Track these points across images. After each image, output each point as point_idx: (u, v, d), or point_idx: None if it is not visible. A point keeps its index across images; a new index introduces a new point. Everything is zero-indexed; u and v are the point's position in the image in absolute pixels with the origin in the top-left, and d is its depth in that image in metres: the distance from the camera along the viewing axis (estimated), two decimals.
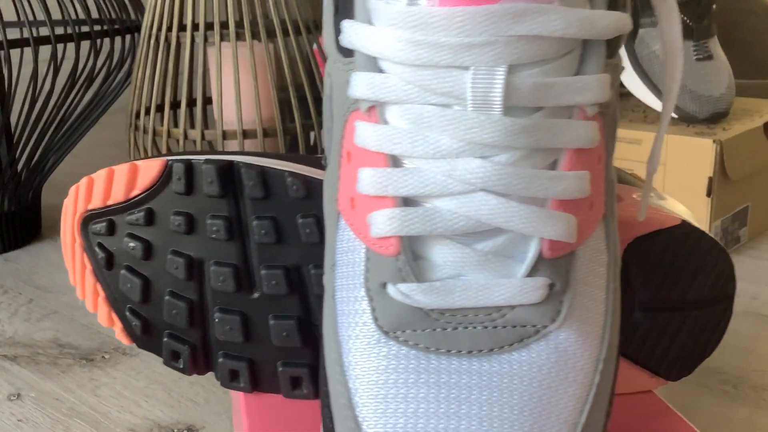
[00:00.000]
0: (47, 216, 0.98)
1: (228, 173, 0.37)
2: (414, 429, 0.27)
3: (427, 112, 0.27)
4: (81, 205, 0.38)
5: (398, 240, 0.28)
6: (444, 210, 0.27)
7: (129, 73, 0.90)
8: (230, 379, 0.40)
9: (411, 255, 0.28)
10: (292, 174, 0.36)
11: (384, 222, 0.28)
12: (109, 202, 0.38)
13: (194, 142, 0.78)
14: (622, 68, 0.30)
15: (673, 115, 0.84)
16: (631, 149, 0.82)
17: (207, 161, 0.36)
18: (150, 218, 0.38)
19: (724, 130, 0.81)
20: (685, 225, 0.37)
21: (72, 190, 0.39)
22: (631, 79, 0.87)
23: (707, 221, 0.79)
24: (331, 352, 0.29)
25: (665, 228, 0.37)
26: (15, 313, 0.75)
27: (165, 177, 0.37)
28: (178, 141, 0.79)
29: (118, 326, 0.40)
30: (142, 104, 0.80)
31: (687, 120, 0.84)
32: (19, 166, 0.84)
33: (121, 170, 0.37)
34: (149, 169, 0.37)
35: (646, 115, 0.88)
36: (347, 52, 0.29)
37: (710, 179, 0.79)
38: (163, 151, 0.79)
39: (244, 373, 0.39)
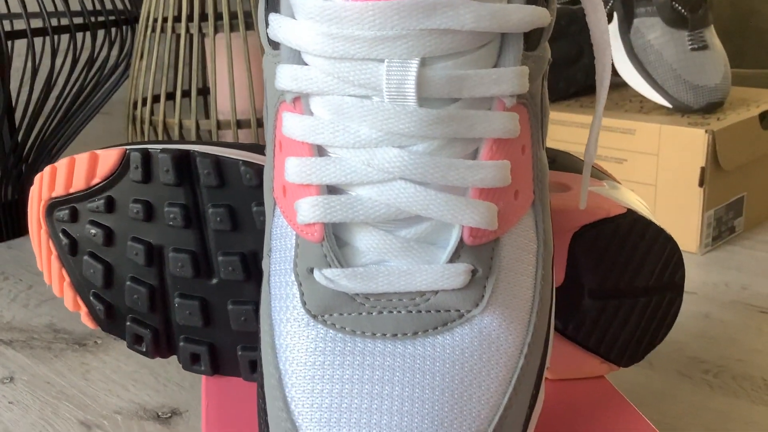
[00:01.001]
0: None
1: (184, 162, 0.38)
2: (339, 408, 0.28)
3: (347, 103, 0.28)
4: (45, 192, 0.39)
5: (322, 226, 0.29)
6: (365, 198, 0.28)
7: (129, 64, 0.91)
8: (191, 363, 0.41)
9: (335, 241, 0.29)
10: (246, 163, 0.37)
11: (308, 209, 0.28)
12: (71, 190, 0.39)
13: (190, 132, 0.79)
14: (550, 60, 0.31)
15: (668, 105, 0.84)
16: (625, 139, 0.82)
17: (163, 150, 0.38)
18: (110, 206, 0.39)
19: (718, 120, 0.81)
20: (630, 213, 0.37)
21: (37, 178, 0.40)
22: (626, 69, 0.87)
23: (699, 211, 0.79)
24: (265, 335, 0.31)
25: (611, 217, 0.37)
26: (14, 299, 0.77)
27: (123, 166, 0.38)
28: (174, 131, 0.80)
29: (83, 310, 0.41)
30: (140, 95, 0.81)
31: (682, 110, 0.83)
32: (23, 153, 0.86)
33: (82, 159, 0.38)
34: (108, 158, 0.38)
35: (642, 106, 0.88)
36: (275, 45, 0.30)
37: (702, 169, 0.78)
38: None
39: (204, 357, 0.40)
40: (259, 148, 0.39)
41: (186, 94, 0.81)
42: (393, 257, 0.28)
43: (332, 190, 0.29)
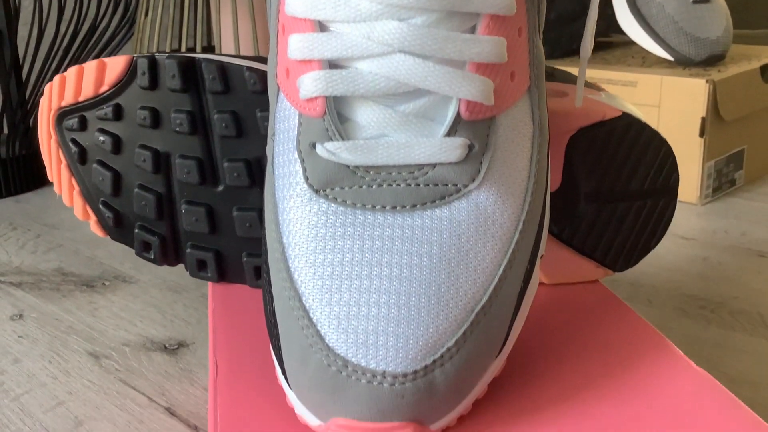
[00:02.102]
0: None
1: (189, 68, 0.39)
2: (340, 276, 0.29)
3: None
4: (55, 102, 0.40)
5: (324, 101, 0.30)
6: (365, 71, 0.29)
7: (133, 21, 0.92)
8: (198, 269, 0.42)
9: (337, 116, 0.30)
10: (250, 69, 0.38)
11: (310, 83, 0.29)
12: (80, 99, 0.40)
13: None
14: None
15: (669, 57, 0.85)
16: (627, 91, 0.83)
17: (169, 56, 0.38)
18: (118, 113, 0.40)
19: (719, 72, 0.81)
20: (626, 116, 0.38)
21: (47, 88, 0.41)
22: (628, 23, 0.87)
23: (700, 161, 0.80)
24: (269, 213, 0.32)
25: (607, 119, 0.38)
26: (22, 246, 0.78)
27: (131, 72, 0.39)
28: None
29: (92, 219, 0.42)
30: (144, 52, 0.82)
31: (683, 63, 0.84)
32: (29, 107, 0.87)
33: (90, 67, 0.39)
34: (116, 65, 0.39)
35: (643, 60, 0.88)
36: None
37: (703, 119, 0.79)
38: None
39: (210, 263, 0.41)
40: (262, 59, 0.40)
41: (191, 51, 0.82)
42: (392, 131, 0.29)
43: (333, 65, 0.30)
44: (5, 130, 0.90)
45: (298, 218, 0.30)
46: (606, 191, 0.39)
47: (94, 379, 0.54)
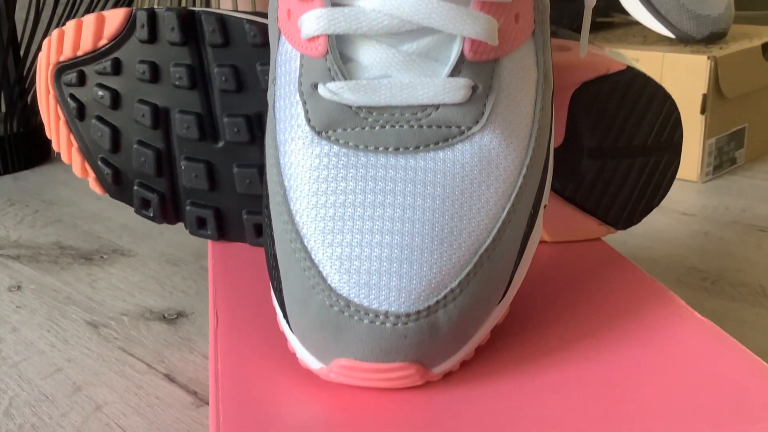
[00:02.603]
0: None
1: (189, 20, 0.38)
2: (342, 218, 0.28)
3: None
4: (53, 56, 0.40)
5: (326, 40, 0.29)
6: (368, 9, 0.28)
7: (131, 2, 0.92)
8: (198, 227, 0.42)
9: (339, 55, 0.29)
10: (250, 21, 0.38)
11: (312, 21, 0.29)
12: (79, 53, 0.39)
13: None
14: None
15: (671, 35, 0.84)
16: None
17: (168, 9, 0.38)
18: (117, 67, 0.39)
19: (720, 49, 0.81)
20: (630, 70, 0.38)
21: (45, 43, 0.41)
22: (630, 1, 0.87)
23: (701, 139, 0.80)
24: (270, 158, 0.31)
25: (611, 73, 0.38)
26: (21, 221, 0.78)
27: (130, 25, 0.39)
28: None
29: (91, 176, 0.42)
30: None
31: (684, 40, 0.84)
32: (26, 84, 0.87)
33: (89, 20, 0.39)
34: (114, 18, 0.39)
35: (645, 38, 0.88)
36: None
37: (704, 96, 0.79)
38: None
39: (210, 221, 0.41)
40: (262, 14, 0.39)
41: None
42: (395, 71, 0.29)
43: (336, 2, 0.29)
44: (3, 108, 0.90)
45: (299, 161, 0.30)
46: (609, 147, 0.39)
47: (93, 347, 0.54)
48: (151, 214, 0.42)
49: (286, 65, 0.31)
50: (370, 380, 0.28)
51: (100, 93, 0.40)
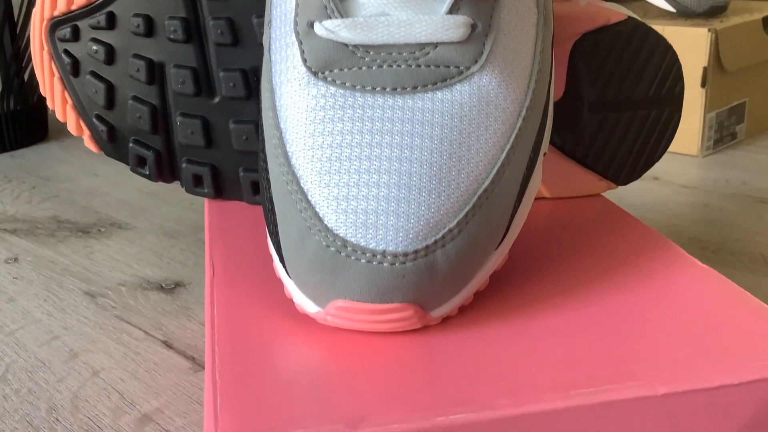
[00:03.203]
0: (54, 119, 1.00)
1: None
2: (339, 159, 0.28)
3: None
4: (47, 11, 0.39)
5: None
6: None
7: None
8: (194, 185, 0.41)
9: None
10: None
11: None
12: (73, 7, 0.39)
13: None
14: None
15: (671, 9, 0.84)
16: None
17: None
18: (111, 21, 0.39)
19: (721, 23, 0.80)
20: (631, 20, 0.37)
21: None
22: None
23: (701, 113, 0.79)
24: (266, 101, 0.31)
25: (611, 24, 0.37)
26: (18, 197, 0.77)
27: None
28: None
29: (86, 133, 0.41)
30: None
31: (685, 14, 0.83)
32: (23, 62, 0.86)
33: None
34: None
35: (645, 13, 0.88)
36: None
37: (705, 69, 0.78)
38: None
39: (207, 178, 0.41)
40: None
41: None
42: (393, 9, 0.29)
43: None
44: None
45: (295, 102, 0.29)
46: (610, 100, 0.38)
47: (90, 315, 0.54)
48: (147, 172, 0.41)
49: (282, 6, 0.31)
50: (367, 322, 0.28)
51: (95, 48, 0.39)
